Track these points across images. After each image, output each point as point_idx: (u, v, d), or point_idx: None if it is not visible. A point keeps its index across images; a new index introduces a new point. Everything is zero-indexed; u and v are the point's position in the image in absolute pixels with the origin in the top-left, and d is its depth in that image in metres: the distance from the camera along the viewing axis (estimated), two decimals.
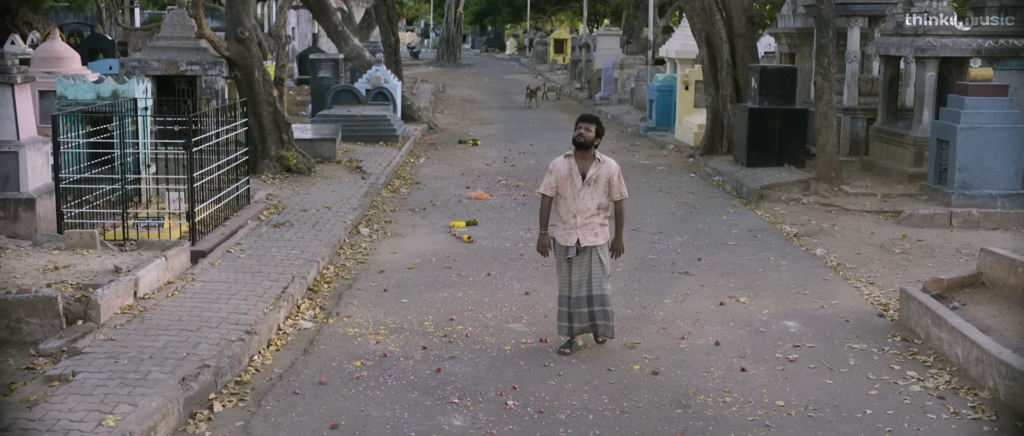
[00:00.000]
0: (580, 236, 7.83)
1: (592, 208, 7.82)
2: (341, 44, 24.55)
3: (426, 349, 7.99)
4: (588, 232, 7.86)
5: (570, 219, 7.87)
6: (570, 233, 7.87)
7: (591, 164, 7.87)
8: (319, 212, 12.91)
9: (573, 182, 7.85)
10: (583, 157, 7.88)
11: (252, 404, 6.80)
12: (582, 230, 7.84)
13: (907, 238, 12.30)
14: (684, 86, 21.73)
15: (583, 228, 7.84)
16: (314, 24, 42.12)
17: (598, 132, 7.87)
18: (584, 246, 7.83)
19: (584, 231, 7.85)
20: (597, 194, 7.84)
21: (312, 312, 8.99)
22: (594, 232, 7.87)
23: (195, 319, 8.05)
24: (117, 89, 12.51)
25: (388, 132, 20.48)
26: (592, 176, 7.84)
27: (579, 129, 7.83)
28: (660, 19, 34.41)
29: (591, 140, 7.82)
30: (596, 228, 7.87)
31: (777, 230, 12.83)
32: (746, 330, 8.62)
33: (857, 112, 17.77)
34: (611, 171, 7.92)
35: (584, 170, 7.85)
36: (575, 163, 7.87)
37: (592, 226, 7.86)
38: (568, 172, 7.87)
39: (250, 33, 15.54)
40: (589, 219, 7.83)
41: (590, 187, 7.82)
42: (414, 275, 10.38)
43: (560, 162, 7.96)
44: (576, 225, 7.84)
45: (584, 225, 7.84)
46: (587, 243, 7.84)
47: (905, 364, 7.71)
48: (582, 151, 7.87)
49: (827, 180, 14.83)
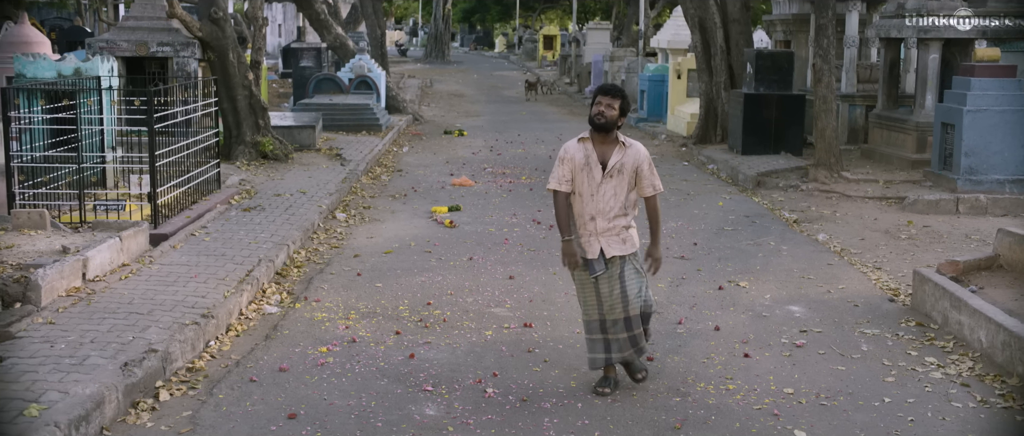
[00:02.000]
0: (603, 245, 6.08)
1: (616, 207, 6.05)
2: (323, 33, 23.86)
3: (399, 334, 7.32)
4: (614, 239, 6.08)
5: (588, 224, 6.09)
6: (590, 242, 6.09)
7: (614, 150, 6.07)
8: (293, 197, 12.23)
9: (590, 174, 6.05)
10: (603, 141, 6.07)
11: (203, 392, 6.12)
12: (605, 237, 6.08)
13: (912, 224, 11.68)
14: (676, 75, 21.10)
15: (606, 234, 6.07)
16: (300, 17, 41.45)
17: (623, 109, 6.04)
18: (610, 256, 6.11)
19: (608, 238, 6.08)
20: (622, 189, 6.06)
21: (278, 296, 8.31)
22: (622, 238, 6.10)
23: (147, 302, 7.36)
24: (80, 67, 11.81)
25: (371, 121, 19.79)
26: (615, 165, 6.04)
27: (599, 104, 6.03)
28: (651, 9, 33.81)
29: (614, 119, 6.00)
30: (622, 233, 6.11)
31: (776, 216, 12.20)
32: (748, 315, 7.97)
33: (856, 99, 17.15)
34: (639, 158, 6.10)
35: (604, 158, 6.05)
36: (593, 149, 6.07)
37: (617, 230, 6.08)
38: (584, 161, 6.05)
39: (224, 13, 14.84)
40: (613, 221, 6.06)
41: (613, 180, 6.04)
42: (391, 259, 9.71)
43: (573, 147, 6.12)
44: (596, 230, 6.07)
45: (607, 230, 6.07)
46: (615, 253, 6.09)
47: (923, 350, 7.07)
48: (602, 134, 6.07)
49: (826, 166, 14.21)
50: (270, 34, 47.25)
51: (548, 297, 8.34)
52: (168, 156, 10.52)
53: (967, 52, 14.72)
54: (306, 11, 23.99)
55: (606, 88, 6.14)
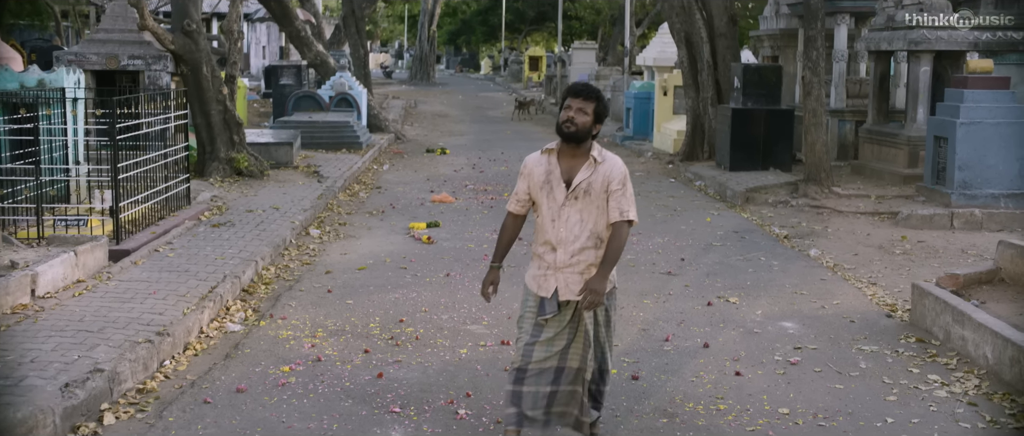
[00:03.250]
0: (561, 283, 4.92)
1: (582, 237, 4.89)
2: (304, 50, 23.46)
3: (368, 353, 6.87)
4: (575, 278, 4.91)
5: (547, 254, 4.96)
6: (546, 278, 4.96)
7: (582, 164, 4.89)
8: (265, 213, 11.77)
9: (552, 194, 4.90)
10: (572, 154, 4.90)
11: (152, 415, 5.65)
12: (565, 273, 4.91)
13: (906, 239, 11.30)
14: (662, 92, 20.76)
15: (567, 270, 4.91)
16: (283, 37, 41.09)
17: (598, 114, 4.87)
18: (565, 300, 4.95)
19: (568, 276, 4.91)
20: (590, 214, 4.88)
21: (242, 314, 7.84)
22: (584, 277, 4.91)
23: (99, 320, 6.89)
24: (44, 79, 11.35)
25: (351, 139, 19.36)
26: (582, 184, 4.85)
27: (569, 109, 4.84)
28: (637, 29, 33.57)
29: (586, 127, 4.82)
30: (590, 271, 4.91)
31: (765, 232, 11.80)
32: (738, 331, 7.54)
33: (845, 114, 16.81)
34: (613, 174, 4.88)
35: (570, 174, 4.88)
36: (557, 163, 4.91)
37: (582, 267, 4.92)
38: (544, 177, 4.92)
39: (198, 25, 14.42)
40: (578, 255, 4.90)
41: (579, 202, 4.87)
42: (364, 276, 9.26)
43: (533, 160, 5.01)
44: (555, 264, 4.93)
45: (567, 265, 4.91)
46: (572, 297, 4.92)
47: (925, 367, 6.65)
48: (571, 145, 4.89)
49: (817, 181, 13.84)
50: (254, 56, 46.92)
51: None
52: (133, 170, 10.08)
53: (958, 65, 14.41)
54: (287, 28, 23.60)
55: (577, 88, 4.91)
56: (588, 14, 49.66)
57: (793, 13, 17.94)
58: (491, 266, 5.21)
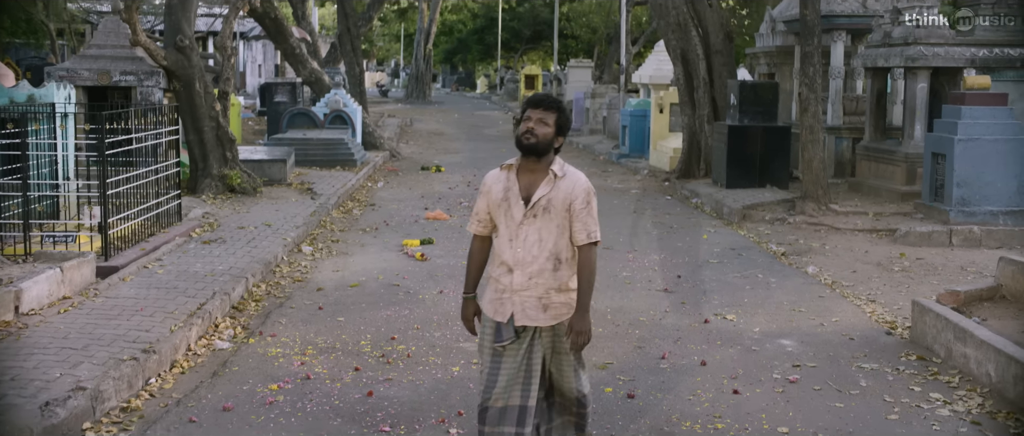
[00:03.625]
0: (516, 308, 4.60)
1: (541, 258, 4.57)
2: (298, 67, 23.36)
3: (359, 370, 6.73)
4: (532, 302, 4.59)
5: (503, 276, 4.65)
6: (502, 302, 4.64)
7: (541, 181, 4.59)
8: (257, 230, 11.63)
9: (509, 212, 4.60)
10: (532, 168, 4.61)
11: (136, 434, 5.51)
12: (521, 296, 4.60)
13: (905, 256, 11.18)
14: (658, 109, 20.67)
15: (524, 293, 4.60)
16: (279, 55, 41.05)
17: (560, 126, 4.59)
18: (520, 325, 4.63)
19: (525, 300, 4.60)
20: (550, 233, 4.56)
21: (231, 331, 7.70)
22: (543, 304, 4.60)
23: (83, 337, 6.75)
24: (33, 94, 11.24)
25: (346, 156, 19.25)
26: (541, 201, 4.56)
27: (528, 120, 4.58)
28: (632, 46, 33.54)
29: (547, 139, 4.55)
30: (549, 296, 4.61)
31: (762, 249, 11.69)
32: (736, 349, 7.41)
33: (842, 131, 16.72)
34: (574, 191, 4.57)
35: (529, 191, 4.59)
36: (516, 179, 4.62)
37: (540, 291, 4.60)
38: (502, 195, 4.64)
39: (190, 41, 14.32)
40: (536, 278, 4.59)
41: (537, 220, 4.56)
42: (356, 293, 9.12)
43: (492, 177, 4.72)
44: (511, 287, 4.62)
45: (525, 288, 4.59)
46: (528, 322, 4.61)
47: (926, 385, 6.52)
48: (531, 159, 4.60)
49: (814, 198, 13.73)
50: (250, 74, 46.86)
51: None
52: (123, 185, 9.96)
53: (955, 81, 14.34)
54: (281, 46, 23.51)
55: (537, 99, 4.64)
56: (584, 33, 49.67)
57: (789, 30, 17.89)
58: (465, 298, 4.88)
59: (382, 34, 75.65)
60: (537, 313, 4.60)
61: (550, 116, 4.57)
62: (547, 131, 4.55)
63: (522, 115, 4.65)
